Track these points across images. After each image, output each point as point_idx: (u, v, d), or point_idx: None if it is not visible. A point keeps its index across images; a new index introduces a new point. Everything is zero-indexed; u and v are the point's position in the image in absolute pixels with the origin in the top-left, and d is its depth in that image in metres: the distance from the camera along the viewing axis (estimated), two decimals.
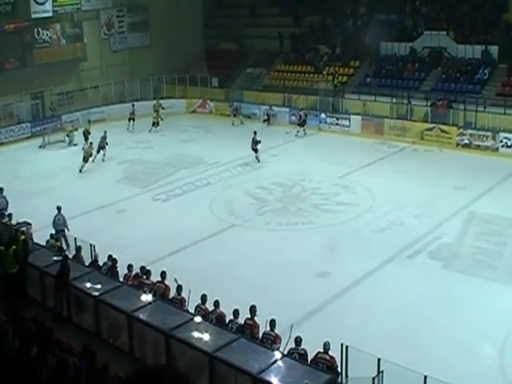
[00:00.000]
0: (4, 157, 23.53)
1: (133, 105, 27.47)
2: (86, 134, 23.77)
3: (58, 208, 14.64)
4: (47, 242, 12.56)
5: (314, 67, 28.95)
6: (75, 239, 12.25)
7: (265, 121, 27.10)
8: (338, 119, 25.87)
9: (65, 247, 13.47)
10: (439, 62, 25.88)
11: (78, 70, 29.96)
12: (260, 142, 21.39)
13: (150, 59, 31.39)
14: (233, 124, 27.48)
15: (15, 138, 25.98)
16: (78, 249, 11.80)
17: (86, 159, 21.06)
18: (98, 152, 21.98)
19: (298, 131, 25.17)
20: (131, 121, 26.92)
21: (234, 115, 27.70)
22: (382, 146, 23.38)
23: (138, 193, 19.26)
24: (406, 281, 12.93)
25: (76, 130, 24.62)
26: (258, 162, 21.40)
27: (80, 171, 20.68)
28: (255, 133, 21.49)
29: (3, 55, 26.45)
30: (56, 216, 14.50)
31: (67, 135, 24.88)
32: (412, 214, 16.41)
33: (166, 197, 18.86)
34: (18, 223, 12.56)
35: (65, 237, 14.21)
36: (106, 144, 22.18)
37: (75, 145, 24.07)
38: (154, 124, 26.55)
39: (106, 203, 18.06)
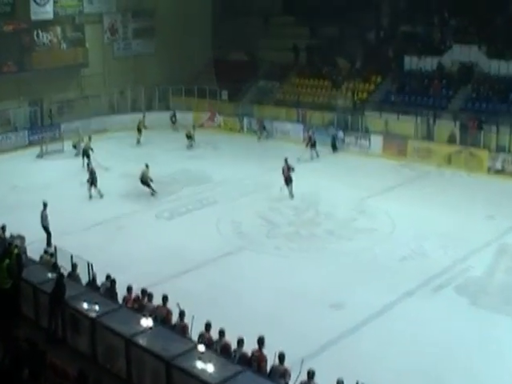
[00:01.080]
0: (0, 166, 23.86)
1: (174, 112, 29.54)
2: (88, 151, 23.09)
3: (44, 204, 16.02)
4: (41, 257, 12.70)
5: (332, 82, 29.15)
6: (71, 256, 12.33)
7: (333, 147, 25.40)
8: (356, 138, 26.03)
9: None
10: (469, 78, 25.88)
11: (79, 76, 30.40)
12: (293, 169, 20.10)
13: (156, 68, 31.75)
14: (259, 139, 28.10)
15: (12, 145, 26.46)
16: (74, 266, 11.88)
17: (145, 183, 20.30)
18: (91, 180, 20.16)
19: (311, 157, 24.47)
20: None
21: (264, 128, 28.25)
22: (404, 169, 23.45)
23: (139, 209, 19.41)
24: (429, 316, 12.80)
25: (83, 139, 24.63)
26: (292, 196, 19.94)
27: (152, 195, 20.29)
28: (286, 160, 20.27)
29: (0, 57, 26.88)
30: (42, 212, 16.00)
31: (74, 146, 24.89)
32: (436, 243, 16.37)
33: (170, 215, 18.99)
34: (11, 236, 12.77)
35: (48, 233, 15.72)
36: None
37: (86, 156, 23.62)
38: (188, 138, 26.76)
39: (105, 219, 18.21)
